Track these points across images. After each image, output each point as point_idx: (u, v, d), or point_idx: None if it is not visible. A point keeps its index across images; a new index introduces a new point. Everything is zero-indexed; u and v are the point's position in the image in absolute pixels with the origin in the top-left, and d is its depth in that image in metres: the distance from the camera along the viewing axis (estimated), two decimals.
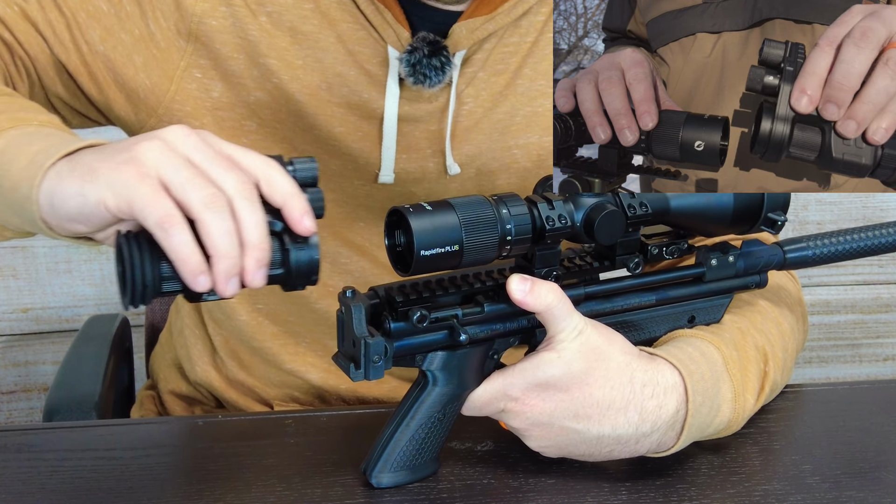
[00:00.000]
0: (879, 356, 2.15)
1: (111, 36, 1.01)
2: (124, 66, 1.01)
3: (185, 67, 1.01)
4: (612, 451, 0.86)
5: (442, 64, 0.99)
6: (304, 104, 1.02)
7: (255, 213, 0.71)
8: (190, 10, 0.99)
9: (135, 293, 0.71)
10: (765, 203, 0.88)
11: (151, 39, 1.00)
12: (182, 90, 1.01)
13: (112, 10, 1.01)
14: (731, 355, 0.89)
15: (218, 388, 1.18)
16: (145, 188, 0.70)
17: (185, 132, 0.73)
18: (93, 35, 1.01)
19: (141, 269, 0.70)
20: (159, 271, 0.71)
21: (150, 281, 0.71)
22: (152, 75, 1.01)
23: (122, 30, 1.01)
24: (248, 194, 0.71)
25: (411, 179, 1.05)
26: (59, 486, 0.87)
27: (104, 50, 1.01)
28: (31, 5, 1.01)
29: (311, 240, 0.74)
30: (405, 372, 1.10)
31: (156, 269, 0.71)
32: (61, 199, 0.73)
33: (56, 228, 0.76)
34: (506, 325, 0.85)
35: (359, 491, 0.85)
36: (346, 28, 1.00)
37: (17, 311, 1.90)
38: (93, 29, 1.01)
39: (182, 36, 1.00)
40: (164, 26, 1.00)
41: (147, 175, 0.70)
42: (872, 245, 0.94)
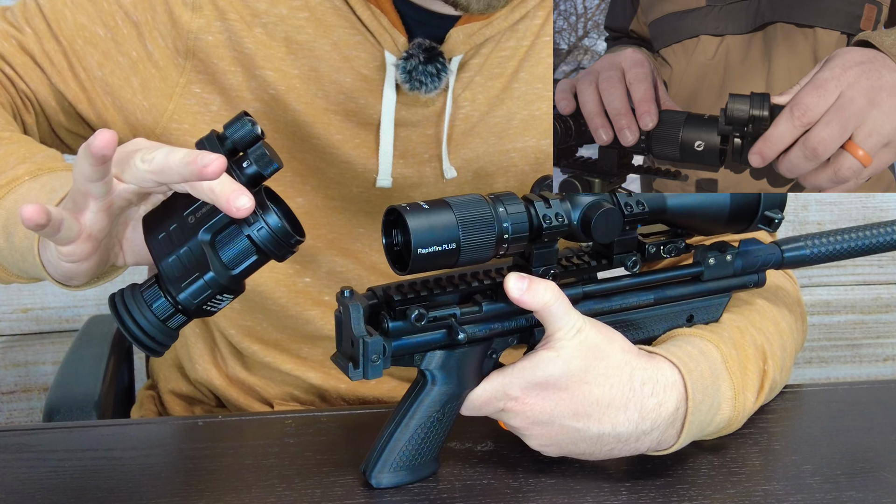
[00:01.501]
0: (879, 356, 2.15)
1: (109, 60, 1.02)
2: (122, 88, 1.02)
3: (184, 84, 1.01)
4: (612, 450, 0.86)
5: (438, 70, 0.99)
6: (301, 113, 1.02)
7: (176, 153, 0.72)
8: (186, 27, 1.00)
9: (146, 345, 0.75)
10: (762, 202, 0.88)
11: (149, 59, 1.01)
12: (181, 107, 1.02)
13: (108, 34, 1.01)
14: (731, 354, 0.89)
15: (218, 387, 1.18)
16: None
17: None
18: (90, 61, 1.02)
19: (133, 321, 0.74)
20: (152, 314, 0.74)
21: (149, 327, 0.74)
22: (150, 96, 1.02)
23: (120, 53, 1.01)
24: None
25: (409, 184, 1.05)
26: (59, 486, 0.87)
27: (102, 75, 1.02)
28: (28, 37, 1.02)
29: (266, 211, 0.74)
30: (405, 372, 1.11)
31: (147, 314, 0.74)
32: (53, 265, 0.79)
33: (73, 285, 0.83)
34: (504, 324, 0.85)
35: (359, 491, 0.85)
36: (342, 34, 1.01)
37: (17, 311, 1.90)
38: (90, 55, 1.02)
39: (180, 53, 1.01)
40: (162, 45, 1.01)
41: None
42: (871, 244, 0.94)
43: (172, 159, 0.71)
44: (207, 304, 0.75)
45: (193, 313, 0.75)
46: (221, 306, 0.76)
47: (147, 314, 0.74)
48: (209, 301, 0.75)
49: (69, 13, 1.02)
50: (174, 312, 0.75)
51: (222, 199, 0.71)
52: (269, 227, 0.74)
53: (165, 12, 1.00)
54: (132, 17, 1.01)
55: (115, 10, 1.02)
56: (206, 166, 0.69)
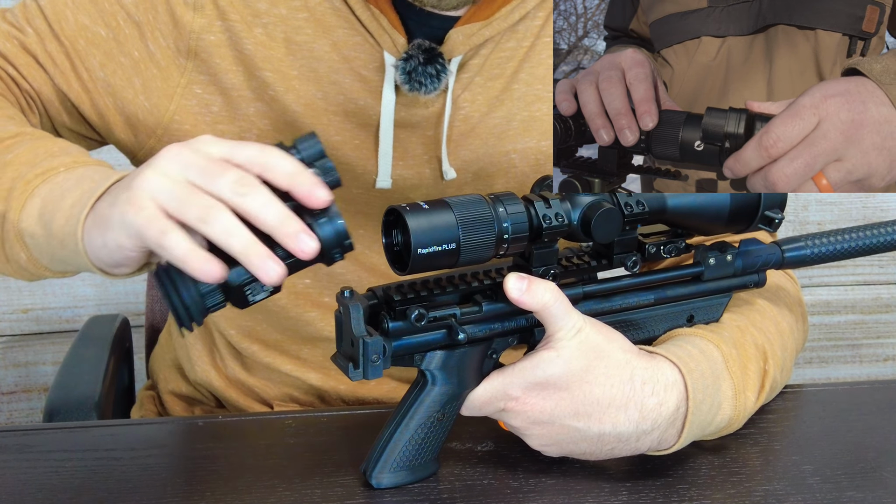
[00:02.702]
0: (879, 356, 2.15)
1: (111, 61, 1.01)
2: (124, 89, 1.02)
3: (185, 84, 1.01)
4: (612, 450, 0.86)
5: (437, 71, 0.99)
6: (300, 114, 1.02)
7: (259, 199, 0.72)
8: (188, 28, 1.00)
9: (181, 317, 0.74)
10: (762, 202, 0.88)
11: (151, 59, 1.01)
12: (182, 108, 1.02)
13: (111, 34, 1.01)
14: (731, 353, 0.89)
15: (218, 388, 1.18)
16: (144, 219, 0.73)
17: (175, 151, 0.75)
18: (92, 62, 1.01)
19: (177, 294, 0.74)
20: (196, 290, 0.74)
21: (190, 301, 0.74)
22: (152, 96, 1.02)
23: (122, 53, 1.01)
24: (245, 189, 0.72)
25: (408, 185, 1.05)
26: (60, 487, 0.87)
27: (104, 76, 1.02)
28: (30, 38, 1.02)
29: (330, 209, 0.75)
30: (405, 373, 1.10)
31: (190, 289, 0.74)
32: (95, 253, 0.78)
33: (112, 273, 0.81)
34: (504, 324, 0.85)
35: (359, 491, 0.85)
36: (341, 34, 1.01)
37: (17, 311, 1.90)
38: (92, 56, 1.01)
39: (181, 53, 1.01)
40: (164, 45, 1.01)
41: (144, 207, 0.73)
42: (871, 244, 0.94)
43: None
44: (247, 288, 0.75)
45: (233, 294, 0.75)
46: (258, 298, 0.76)
47: (190, 287, 0.74)
48: (249, 285, 0.75)
49: (70, 14, 1.02)
50: (214, 290, 0.74)
51: (304, 189, 0.73)
52: (331, 223, 0.75)
53: (167, 12, 1.00)
54: (134, 18, 1.01)
55: (117, 11, 1.01)
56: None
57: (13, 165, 0.88)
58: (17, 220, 0.84)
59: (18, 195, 0.85)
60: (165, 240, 0.71)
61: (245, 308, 0.76)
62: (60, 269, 0.87)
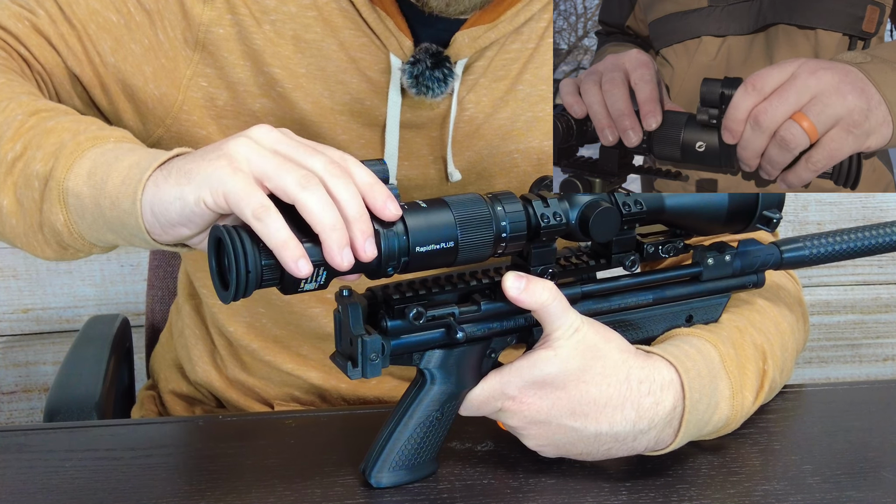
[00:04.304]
0: (879, 356, 2.15)
1: (121, 47, 1.01)
2: (134, 76, 1.01)
3: (190, 76, 1.01)
4: (609, 450, 0.86)
5: (445, 75, 0.99)
6: (307, 112, 1.02)
7: (349, 188, 0.74)
8: (197, 20, 1.00)
9: (238, 285, 0.73)
10: (760, 201, 0.88)
11: (160, 48, 1.00)
12: (189, 99, 1.01)
13: (122, 20, 1.01)
14: (729, 353, 0.89)
15: (218, 388, 1.19)
16: (239, 181, 0.73)
17: (268, 129, 0.77)
18: (104, 47, 1.01)
19: (244, 259, 0.73)
20: (261, 261, 0.73)
21: (252, 269, 0.73)
22: (161, 85, 1.01)
23: (132, 40, 1.01)
24: (338, 173, 0.74)
25: (413, 186, 1.05)
26: (60, 486, 0.87)
27: (115, 61, 1.01)
28: (42, 19, 1.01)
29: (396, 226, 0.76)
30: (406, 371, 1.11)
31: (257, 258, 0.73)
32: (162, 206, 0.77)
33: (159, 237, 0.80)
34: (503, 323, 0.85)
35: (359, 491, 0.85)
36: (348, 35, 1.00)
37: (17, 311, 1.90)
38: (103, 41, 1.01)
39: (189, 45, 1.00)
40: (172, 35, 1.00)
41: (239, 168, 0.74)
42: (870, 245, 0.94)
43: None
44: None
45: (287, 278, 0.74)
46: (307, 288, 0.75)
47: (259, 259, 0.73)
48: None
49: None
50: (275, 267, 0.73)
51: (380, 200, 0.75)
52: (399, 240, 0.76)
53: (177, 3, 1.00)
54: (145, 6, 1.00)
55: None
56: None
57: (56, 132, 0.87)
58: (64, 178, 0.83)
59: (68, 154, 0.84)
60: (266, 217, 0.72)
61: (288, 295, 0.76)
62: (96, 236, 0.85)
